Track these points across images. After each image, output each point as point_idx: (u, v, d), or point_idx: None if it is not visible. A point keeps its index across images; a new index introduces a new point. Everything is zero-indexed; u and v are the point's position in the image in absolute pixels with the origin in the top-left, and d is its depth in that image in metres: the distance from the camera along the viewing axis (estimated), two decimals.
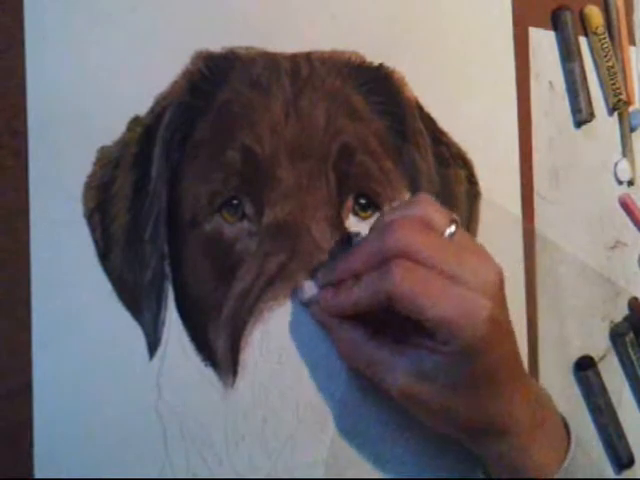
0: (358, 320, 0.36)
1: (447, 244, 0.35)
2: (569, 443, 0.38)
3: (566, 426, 0.40)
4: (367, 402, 0.40)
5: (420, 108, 0.44)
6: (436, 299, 0.33)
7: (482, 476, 0.40)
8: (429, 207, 0.36)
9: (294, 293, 0.38)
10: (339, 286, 0.36)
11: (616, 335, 0.55)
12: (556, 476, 0.37)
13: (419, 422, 0.38)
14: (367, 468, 0.41)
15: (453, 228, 0.35)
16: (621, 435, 0.53)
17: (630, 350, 0.55)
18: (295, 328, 0.38)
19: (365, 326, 0.36)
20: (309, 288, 0.38)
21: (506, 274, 0.36)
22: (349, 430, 0.40)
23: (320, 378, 0.39)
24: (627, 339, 0.55)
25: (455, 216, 0.36)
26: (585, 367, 0.52)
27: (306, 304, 0.38)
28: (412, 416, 0.37)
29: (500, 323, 0.34)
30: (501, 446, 0.37)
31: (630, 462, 0.52)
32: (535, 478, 0.37)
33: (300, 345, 0.39)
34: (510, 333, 0.36)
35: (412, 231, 0.34)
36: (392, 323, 0.35)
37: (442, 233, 0.35)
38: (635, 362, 0.55)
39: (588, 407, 0.53)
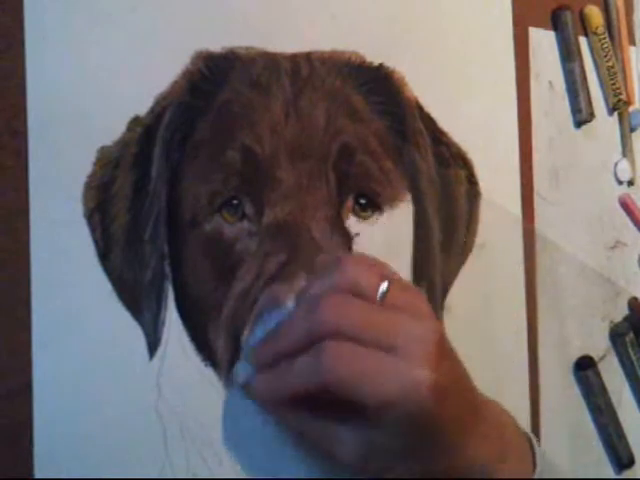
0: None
1: (378, 312, 0.33)
2: (535, 463, 0.37)
3: (530, 444, 0.38)
4: None
5: (420, 108, 0.44)
6: (373, 380, 0.31)
7: None
8: (355, 270, 0.33)
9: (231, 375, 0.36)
10: (272, 370, 0.33)
11: (616, 335, 0.55)
12: None
13: None
14: None
15: (384, 286, 0.33)
16: (621, 435, 0.53)
17: (630, 350, 0.55)
18: None
19: (308, 403, 0.33)
20: (244, 370, 0.35)
21: (506, 274, 0.36)
22: None
23: None
24: (627, 339, 0.55)
25: (386, 270, 0.34)
26: (585, 367, 0.52)
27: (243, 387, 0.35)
28: None
29: (444, 388, 0.32)
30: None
31: (630, 462, 0.52)
32: None
33: None
34: (458, 384, 0.34)
35: (340, 306, 0.32)
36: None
37: (372, 298, 0.33)
38: (635, 362, 0.55)
39: (588, 407, 0.53)
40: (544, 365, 0.41)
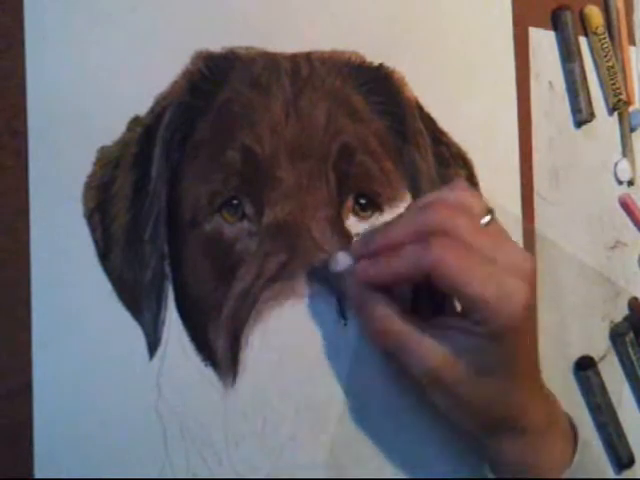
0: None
1: (485, 229, 0.35)
2: (576, 443, 0.39)
3: (572, 426, 0.40)
4: (368, 399, 0.40)
5: (420, 108, 0.44)
6: (477, 277, 0.33)
7: (489, 474, 0.40)
8: (468, 194, 0.36)
9: (327, 264, 0.37)
10: (376, 258, 0.35)
11: (616, 335, 0.55)
12: (563, 477, 0.37)
13: (423, 418, 0.38)
14: (368, 468, 0.41)
15: (489, 218, 0.36)
16: (621, 435, 0.53)
17: (630, 350, 0.55)
18: (295, 327, 0.38)
19: (398, 304, 0.36)
20: (343, 258, 0.37)
21: None
22: (350, 429, 0.40)
23: (320, 378, 0.39)
24: (627, 339, 0.55)
25: (491, 207, 0.36)
26: (585, 367, 0.52)
27: (337, 276, 0.37)
28: (416, 412, 0.37)
29: (533, 311, 0.35)
30: (515, 443, 0.37)
31: (630, 462, 0.52)
32: (542, 478, 0.37)
33: (300, 344, 0.39)
34: (534, 326, 0.36)
35: (453, 212, 0.34)
36: (421, 305, 0.36)
37: (479, 220, 0.35)
38: (635, 362, 0.55)
39: (588, 407, 0.53)
40: (544, 365, 0.41)
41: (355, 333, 0.40)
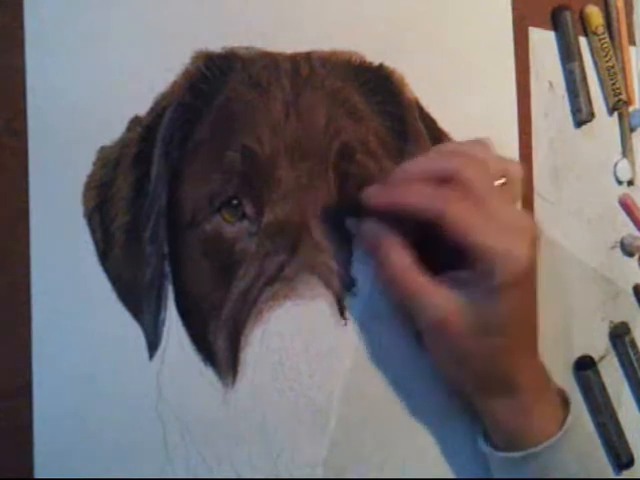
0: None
1: (496, 189, 0.36)
2: (567, 414, 0.39)
3: (565, 398, 0.41)
4: (368, 400, 0.40)
5: (420, 108, 0.44)
6: (483, 228, 0.34)
7: (481, 441, 0.41)
8: (490, 154, 0.37)
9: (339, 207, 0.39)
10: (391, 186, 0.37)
11: (615, 336, 0.55)
12: (553, 440, 0.37)
13: (423, 417, 0.38)
14: (368, 468, 0.41)
15: (503, 180, 0.37)
16: (620, 435, 0.52)
17: (629, 350, 0.55)
18: (295, 327, 0.38)
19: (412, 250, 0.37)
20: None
21: None
22: (350, 429, 0.40)
23: (320, 377, 0.39)
24: (626, 339, 0.55)
25: (508, 174, 0.37)
26: (585, 367, 0.52)
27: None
28: (416, 412, 0.38)
29: (534, 271, 0.36)
30: (506, 404, 0.38)
31: (630, 462, 0.52)
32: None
33: (300, 344, 0.39)
34: (535, 289, 0.37)
35: (472, 165, 0.35)
36: (428, 258, 0.36)
37: (493, 179, 0.37)
38: (635, 362, 0.55)
39: (588, 407, 0.53)
40: (545, 364, 0.41)
41: (355, 333, 0.40)
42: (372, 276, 0.40)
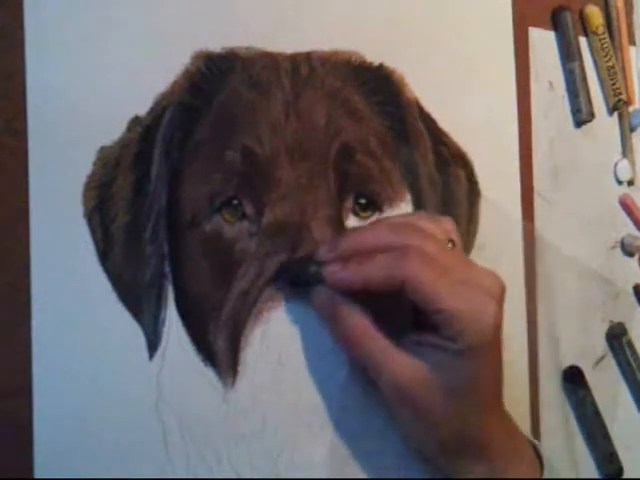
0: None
1: (453, 252, 0.36)
2: (542, 469, 0.38)
3: (537, 453, 0.39)
4: (368, 400, 0.40)
5: (420, 108, 0.44)
6: (450, 292, 0.33)
7: None
8: (430, 223, 0.37)
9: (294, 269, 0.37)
10: (347, 261, 0.35)
11: (612, 337, 0.55)
12: None
13: None
14: (367, 467, 0.41)
15: (452, 244, 0.37)
16: (610, 445, 0.52)
17: (627, 351, 0.55)
18: (295, 327, 0.38)
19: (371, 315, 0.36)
20: (314, 266, 0.36)
21: (506, 274, 0.36)
22: (349, 428, 0.40)
23: (320, 378, 0.39)
24: (624, 341, 0.55)
25: (453, 236, 0.37)
26: (574, 378, 0.51)
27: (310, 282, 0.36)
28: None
29: (500, 332, 0.35)
30: (477, 469, 0.36)
31: (619, 473, 0.52)
32: None
33: (300, 344, 0.39)
34: (501, 346, 0.36)
35: (423, 234, 0.35)
36: (391, 319, 0.35)
37: (445, 245, 0.36)
38: (632, 363, 0.55)
39: (577, 418, 0.52)
40: (544, 365, 0.41)
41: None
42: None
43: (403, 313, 0.35)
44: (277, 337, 0.38)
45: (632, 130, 0.57)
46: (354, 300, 0.36)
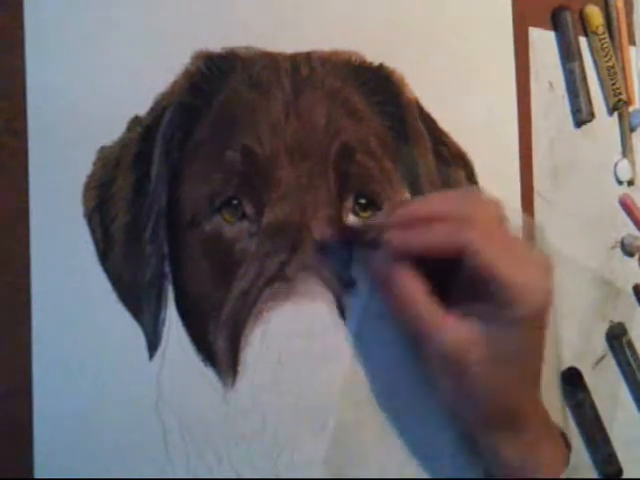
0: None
1: (507, 227, 0.37)
2: (568, 452, 0.39)
3: (564, 437, 0.40)
4: (368, 398, 0.40)
5: (420, 108, 0.44)
6: (508, 261, 0.34)
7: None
8: (485, 199, 0.37)
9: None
10: (407, 228, 0.36)
11: (612, 337, 0.55)
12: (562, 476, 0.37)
13: (423, 417, 0.38)
14: (368, 468, 0.41)
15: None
16: (609, 447, 0.52)
17: (627, 351, 0.55)
18: (296, 327, 0.38)
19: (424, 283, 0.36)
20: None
21: None
22: (350, 429, 0.40)
23: (320, 378, 0.39)
24: (623, 340, 0.55)
25: (504, 214, 0.38)
26: (572, 380, 0.51)
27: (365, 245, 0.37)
28: (416, 412, 0.38)
29: (551, 305, 0.36)
30: (512, 439, 0.37)
31: (618, 474, 0.52)
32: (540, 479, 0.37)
33: (300, 344, 0.39)
34: (548, 323, 0.37)
35: (486, 205, 0.36)
36: (442, 289, 0.36)
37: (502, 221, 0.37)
38: (632, 363, 0.55)
39: (575, 421, 0.52)
40: (544, 365, 0.41)
41: (355, 333, 0.40)
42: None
43: (456, 283, 0.35)
44: (277, 337, 0.38)
45: (632, 130, 0.57)
46: (409, 267, 0.36)
